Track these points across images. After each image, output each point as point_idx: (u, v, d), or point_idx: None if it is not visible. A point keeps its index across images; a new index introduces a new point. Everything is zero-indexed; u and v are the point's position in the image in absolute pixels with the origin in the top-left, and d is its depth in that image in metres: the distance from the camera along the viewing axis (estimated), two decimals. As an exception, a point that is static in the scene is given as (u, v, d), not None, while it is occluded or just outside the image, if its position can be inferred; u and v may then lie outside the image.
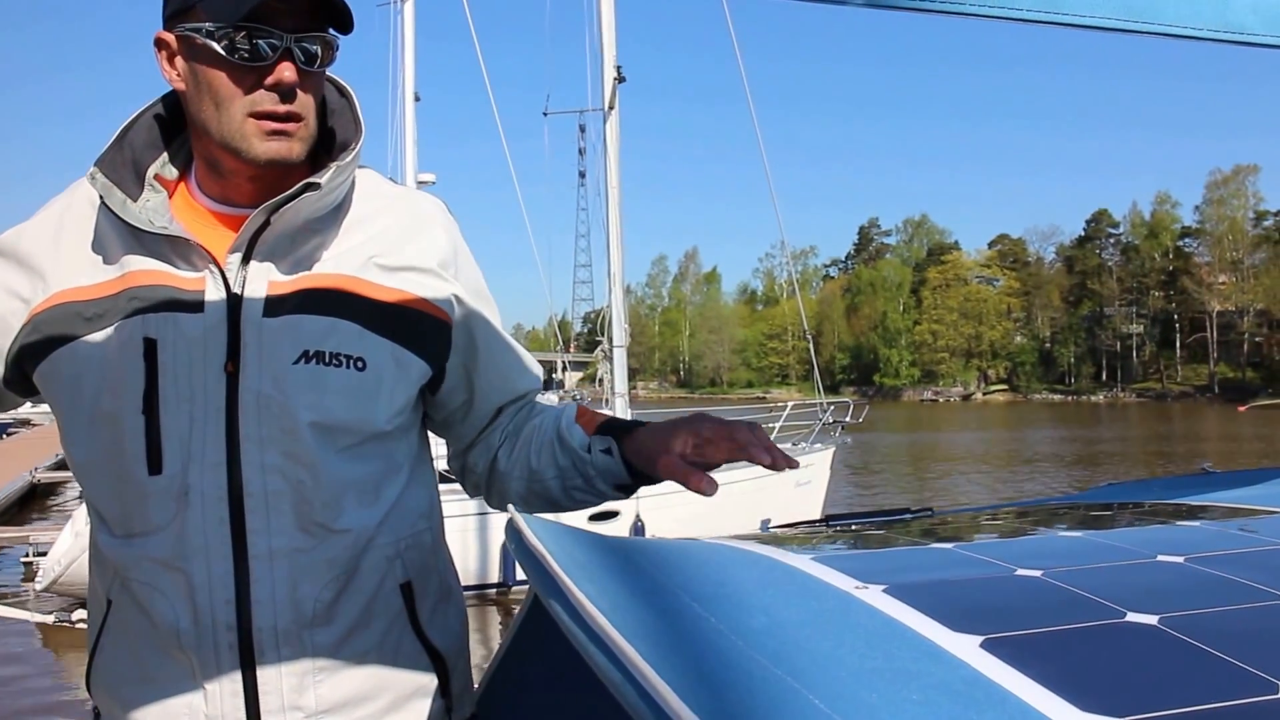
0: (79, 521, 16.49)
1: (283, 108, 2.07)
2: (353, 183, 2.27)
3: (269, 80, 2.05)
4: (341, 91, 2.32)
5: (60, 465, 32.53)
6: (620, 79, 23.59)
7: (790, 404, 27.75)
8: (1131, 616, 1.52)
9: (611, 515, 17.87)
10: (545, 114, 36.59)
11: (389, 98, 29.71)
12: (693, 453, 2.24)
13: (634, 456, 2.32)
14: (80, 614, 16.33)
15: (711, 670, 1.30)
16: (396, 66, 28.27)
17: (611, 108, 23.91)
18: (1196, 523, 2.20)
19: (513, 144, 24.83)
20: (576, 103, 32.33)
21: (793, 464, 2.12)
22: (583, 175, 33.72)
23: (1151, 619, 1.51)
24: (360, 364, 2.14)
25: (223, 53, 2.03)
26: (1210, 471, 3.14)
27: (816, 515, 2.50)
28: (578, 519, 2.23)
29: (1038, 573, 1.72)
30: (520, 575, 15.65)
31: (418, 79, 28.05)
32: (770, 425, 26.27)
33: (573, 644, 1.42)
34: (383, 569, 2.21)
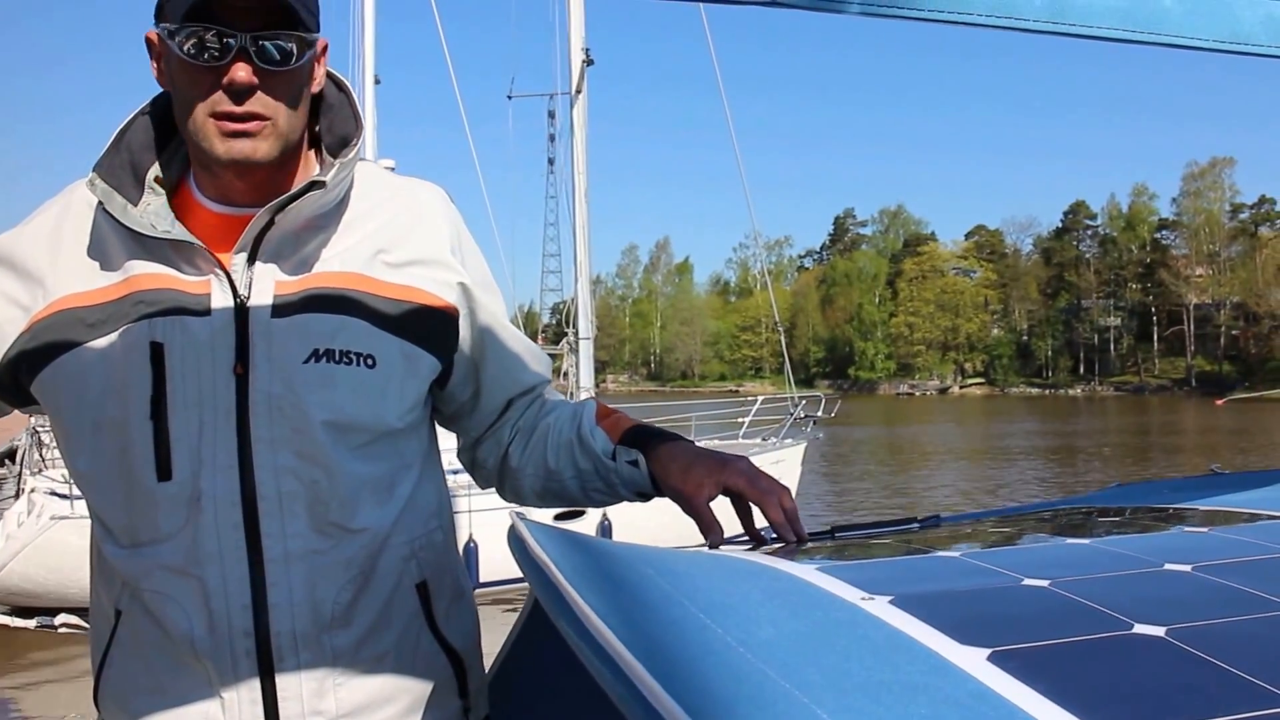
0: (10, 523, 16.36)
1: (239, 108, 2.05)
2: (353, 179, 2.26)
3: (225, 80, 2.03)
4: (340, 86, 2.31)
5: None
6: (588, 62, 23.60)
7: (760, 398, 27.72)
8: (1139, 628, 1.51)
9: (578, 514, 17.77)
10: (510, 97, 36.38)
11: (349, 80, 29.05)
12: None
13: (659, 476, 2.33)
14: (64, 618, 16.26)
15: (718, 684, 1.28)
16: (356, 48, 27.98)
17: (579, 91, 23.90)
18: (1204, 528, 2.19)
19: (476, 128, 24.64)
20: (542, 87, 32.17)
21: (803, 539, 2.25)
22: (551, 162, 33.57)
23: (1159, 630, 1.50)
24: (370, 361, 2.14)
25: (179, 53, 2.03)
26: (1219, 472, 3.14)
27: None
28: (543, 516, 2.24)
29: (1045, 582, 1.71)
30: (483, 576, 15.68)
31: (377, 61, 27.81)
32: (740, 420, 26.28)
33: (578, 657, 1.42)
34: (399, 569, 2.22)
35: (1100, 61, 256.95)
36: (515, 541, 1.80)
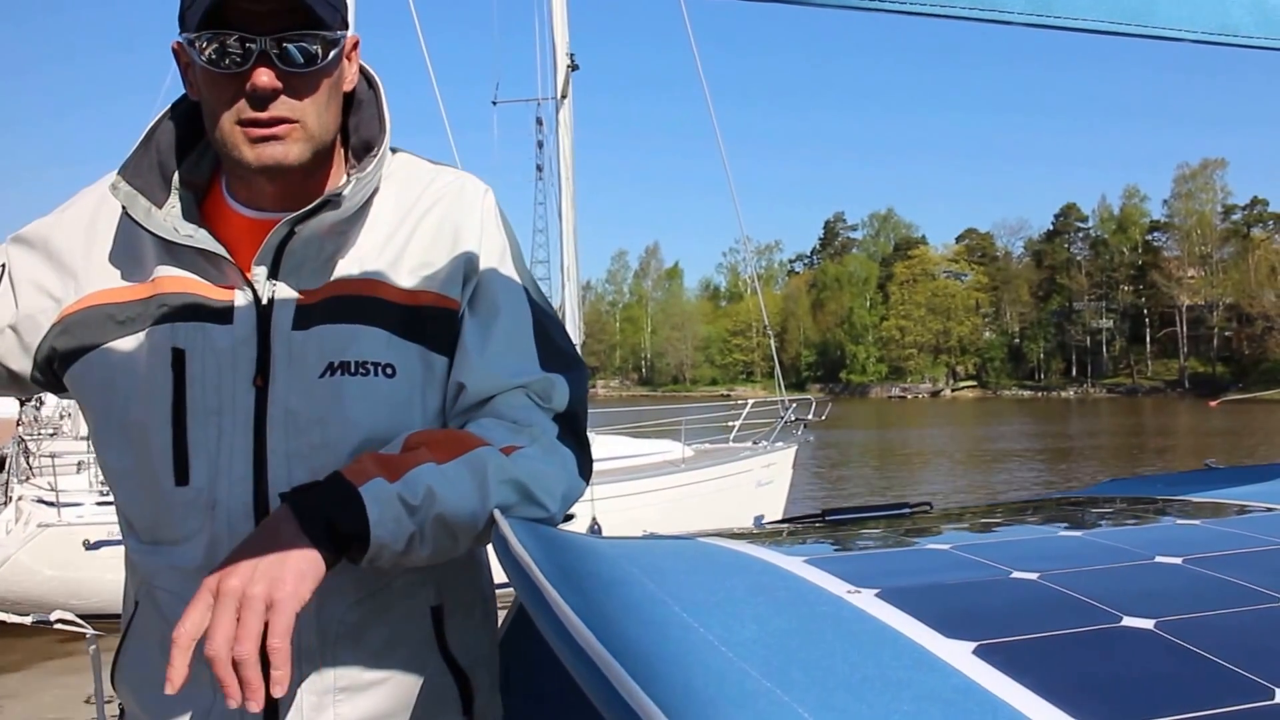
0: None
1: (264, 114, 2.01)
2: (380, 179, 2.20)
3: (248, 86, 1.98)
4: (370, 83, 2.27)
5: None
6: (573, 67, 23.47)
7: (751, 402, 27.72)
8: (1128, 621, 1.51)
9: (568, 518, 17.59)
10: (494, 103, 36.17)
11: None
12: None
13: None
14: (58, 614, 16.13)
15: (699, 684, 1.27)
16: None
17: (564, 96, 23.78)
18: (1196, 521, 2.19)
19: (460, 136, 24.31)
20: (527, 92, 31.95)
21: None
22: (540, 169, 33.07)
23: (1148, 623, 1.50)
24: (389, 371, 2.10)
25: (201, 61, 2.00)
26: (1214, 467, 3.13)
27: (778, 516, 2.48)
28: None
29: (1034, 575, 1.71)
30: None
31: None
32: (730, 424, 26.30)
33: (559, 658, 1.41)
34: (414, 592, 2.17)
35: (1090, 64, 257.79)
36: (498, 540, 1.79)
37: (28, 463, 18.18)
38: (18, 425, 19.11)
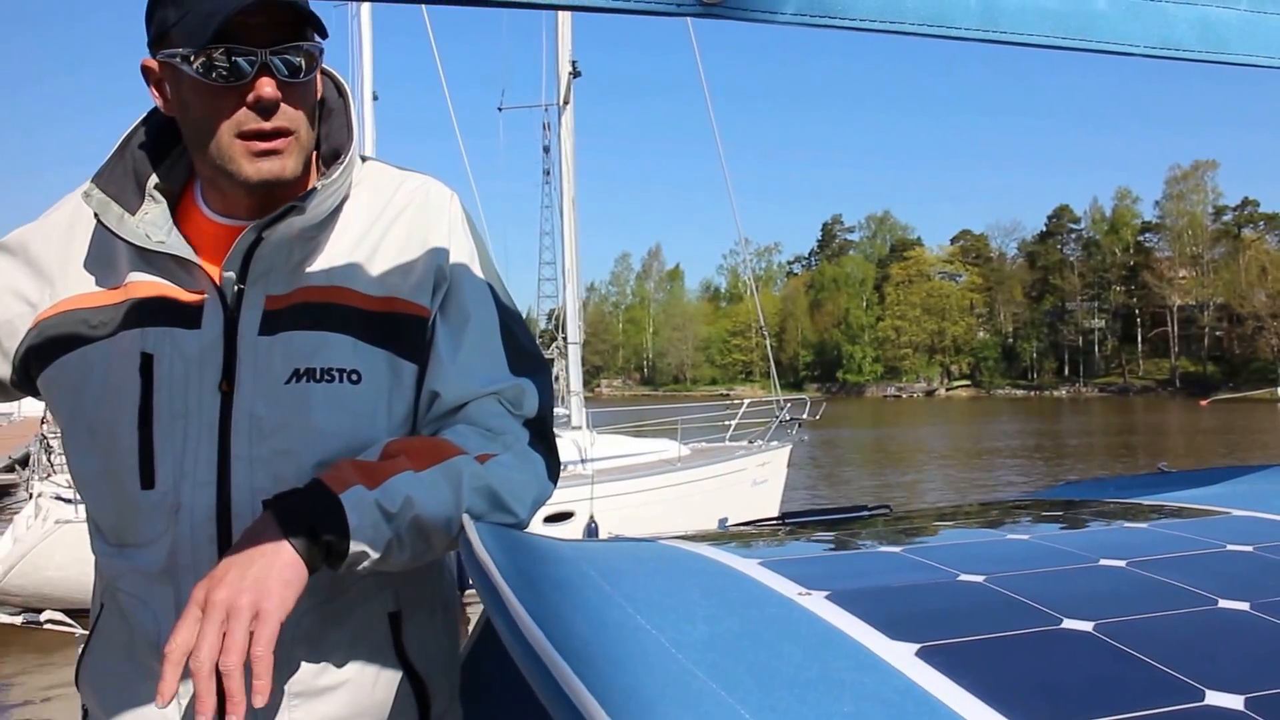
0: (19, 526, 16.41)
1: (268, 125, 2.04)
2: (350, 184, 2.23)
3: (250, 98, 2.01)
4: (340, 91, 2.29)
5: (8, 468, 31.82)
6: (575, 73, 23.63)
7: (746, 401, 27.68)
8: (1067, 623, 1.53)
9: (566, 516, 17.75)
10: (500, 109, 36.32)
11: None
12: None
13: None
14: (49, 614, 16.11)
15: (645, 687, 1.29)
16: (355, 66, 27.85)
17: (567, 102, 23.93)
18: (1144, 524, 2.21)
19: (470, 140, 24.41)
20: (532, 98, 32.05)
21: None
22: (547, 173, 33.00)
23: (1087, 625, 1.52)
24: (355, 377, 2.11)
25: (200, 76, 2.00)
26: (1166, 471, 3.15)
27: (774, 514, 2.49)
28: (533, 523, 2.17)
29: (980, 578, 1.73)
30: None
31: (375, 78, 27.63)
32: (726, 423, 26.28)
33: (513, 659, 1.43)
34: (372, 597, 2.18)
35: (1082, 67, 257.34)
36: (464, 544, 1.82)
37: (49, 460, 18.20)
38: (42, 423, 19.15)
